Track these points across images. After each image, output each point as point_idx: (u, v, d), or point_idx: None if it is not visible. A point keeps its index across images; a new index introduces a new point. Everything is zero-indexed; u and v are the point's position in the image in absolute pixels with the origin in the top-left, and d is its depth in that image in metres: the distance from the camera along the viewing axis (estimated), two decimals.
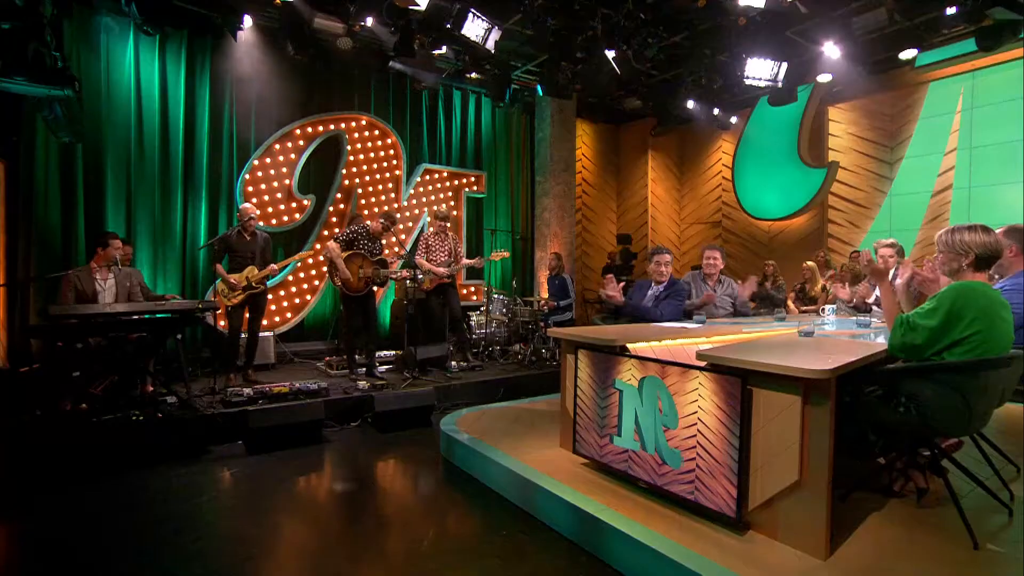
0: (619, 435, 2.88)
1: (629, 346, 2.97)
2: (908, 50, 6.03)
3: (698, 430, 2.46)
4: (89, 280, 4.29)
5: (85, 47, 5.43)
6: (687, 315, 4.24)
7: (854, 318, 3.89)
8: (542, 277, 8.35)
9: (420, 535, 2.82)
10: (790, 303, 6.99)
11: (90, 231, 5.34)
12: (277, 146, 6.63)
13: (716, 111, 7.83)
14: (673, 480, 2.57)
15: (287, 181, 6.72)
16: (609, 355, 2.95)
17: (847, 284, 4.76)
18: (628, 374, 2.83)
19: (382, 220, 5.41)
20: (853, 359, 2.19)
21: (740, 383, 2.29)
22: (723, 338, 3.22)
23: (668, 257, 4.36)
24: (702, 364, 2.50)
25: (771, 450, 2.24)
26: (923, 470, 2.52)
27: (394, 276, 5.48)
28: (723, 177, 9.46)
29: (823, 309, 4.25)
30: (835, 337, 3.11)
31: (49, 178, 5.28)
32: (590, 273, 10.12)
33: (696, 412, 2.48)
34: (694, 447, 2.48)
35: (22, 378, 4.53)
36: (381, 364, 5.71)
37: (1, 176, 5.09)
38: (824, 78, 6.69)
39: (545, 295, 7.28)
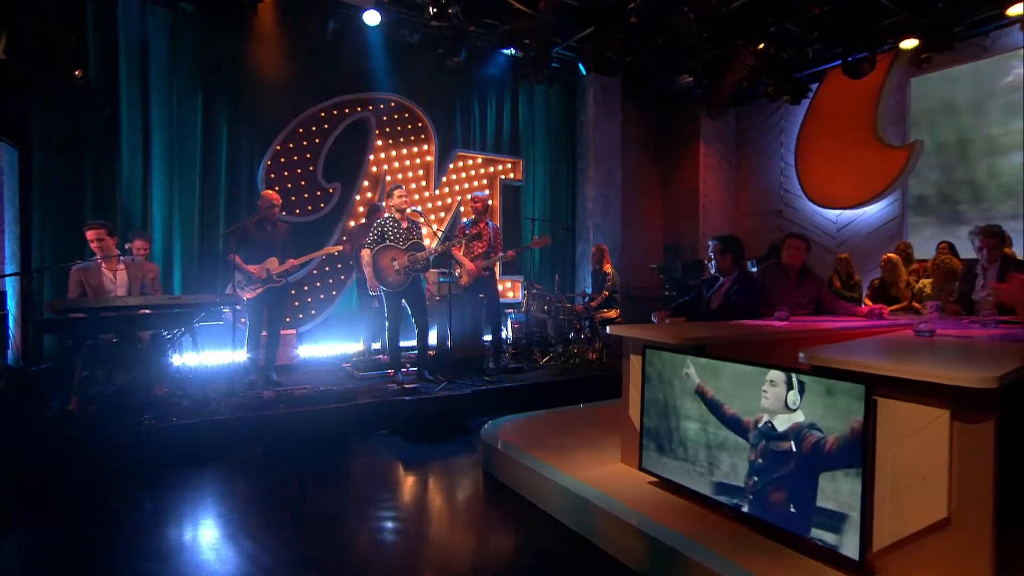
0: (700, 451, 2.54)
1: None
2: (1016, 5, 5.43)
3: (803, 447, 2.10)
4: (97, 274, 4.15)
5: (100, 28, 5.34)
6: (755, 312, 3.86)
7: (968, 319, 3.45)
8: (585, 271, 8.04)
9: (459, 561, 2.58)
10: (867, 301, 6.47)
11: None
12: (300, 130, 6.47)
13: (780, 86, 7.33)
14: (771, 507, 2.22)
15: (311, 167, 6.55)
16: (686, 356, 2.61)
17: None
18: (711, 379, 2.48)
19: (391, 199, 5.08)
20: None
21: (863, 392, 1.93)
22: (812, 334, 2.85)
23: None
24: (807, 367, 2.16)
25: (905, 477, 1.87)
26: None
27: (434, 253, 5.15)
28: (784, 162, 8.95)
29: (926, 305, 3.80)
30: (965, 337, 2.68)
31: (61, 165, 5.21)
32: (633, 267, 9.72)
33: (800, 425, 2.13)
34: (790, 446, 2.12)
35: (33, 377, 4.46)
36: (411, 365, 5.47)
37: (15, 163, 5.04)
38: (909, 44, 6.14)
39: (589, 291, 6.96)
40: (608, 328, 3.28)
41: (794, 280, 4.14)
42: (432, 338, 5.81)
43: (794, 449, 2.14)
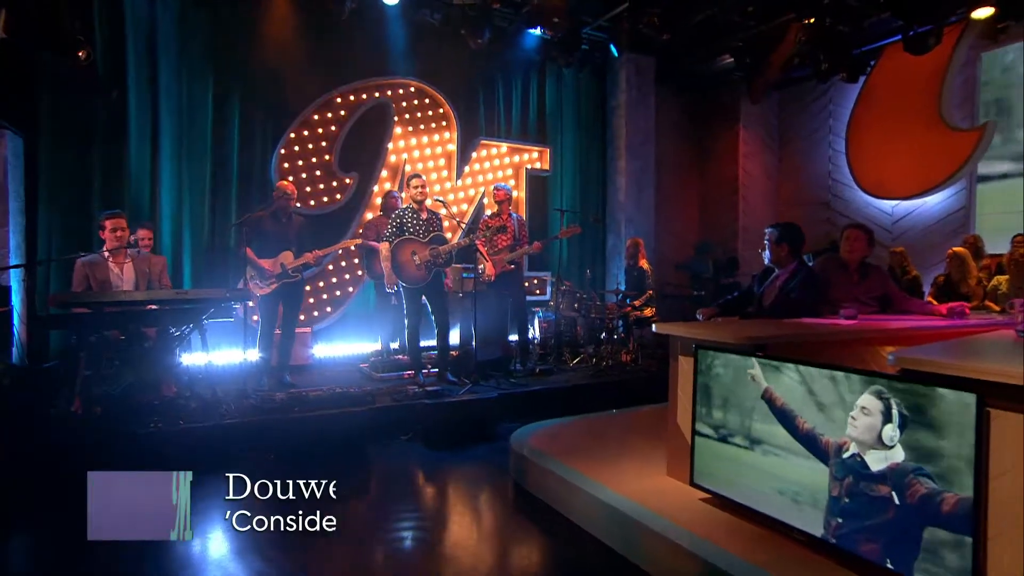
0: (765, 467, 2.31)
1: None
2: None
3: (894, 467, 1.87)
4: (104, 268, 4.07)
5: (106, 9, 5.29)
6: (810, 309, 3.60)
7: None
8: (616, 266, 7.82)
9: None
10: (931, 300, 6.12)
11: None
12: (316, 117, 6.36)
13: (836, 63, 6.98)
14: (853, 535, 1.98)
15: (327, 157, 6.43)
16: (747, 358, 2.38)
17: None
18: (778, 383, 2.25)
19: (408, 190, 4.92)
20: None
21: (974, 401, 1.68)
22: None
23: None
24: (894, 371, 1.92)
25: None
26: None
27: (457, 246, 4.96)
28: (833, 148, 8.59)
29: (1013, 303, 3.49)
30: None
31: (67, 155, 5.16)
32: (667, 263, 9.46)
33: (888, 441, 1.89)
34: (889, 492, 1.89)
35: (38, 376, 4.41)
36: (432, 366, 5.31)
37: (20, 153, 5.01)
38: (982, 13, 5.76)
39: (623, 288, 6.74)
40: (654, 326, 3.07)
41: (855, 276, 3.89)
42: (454, 337, 5.65)
43: (897, 500, 1.88)
